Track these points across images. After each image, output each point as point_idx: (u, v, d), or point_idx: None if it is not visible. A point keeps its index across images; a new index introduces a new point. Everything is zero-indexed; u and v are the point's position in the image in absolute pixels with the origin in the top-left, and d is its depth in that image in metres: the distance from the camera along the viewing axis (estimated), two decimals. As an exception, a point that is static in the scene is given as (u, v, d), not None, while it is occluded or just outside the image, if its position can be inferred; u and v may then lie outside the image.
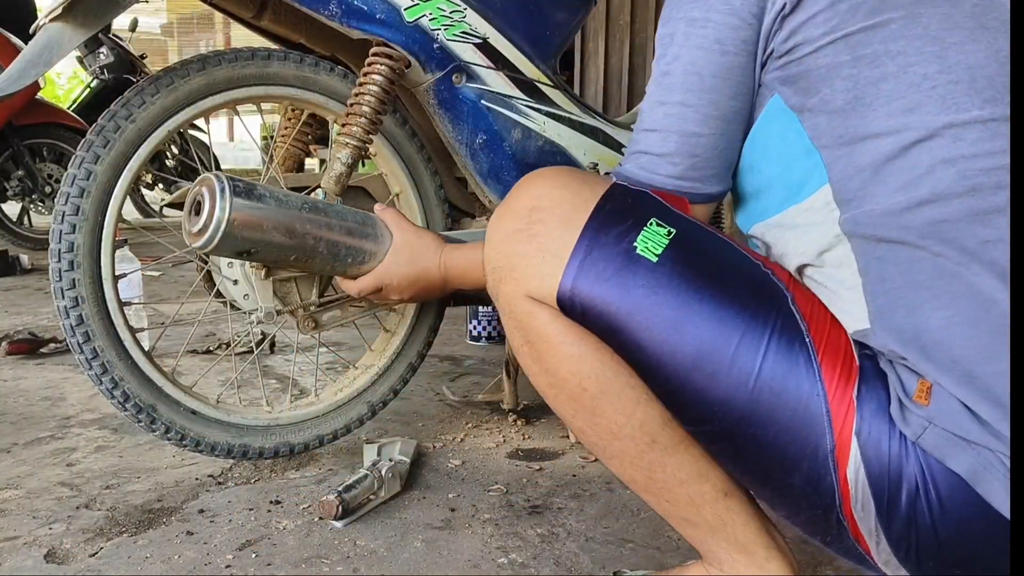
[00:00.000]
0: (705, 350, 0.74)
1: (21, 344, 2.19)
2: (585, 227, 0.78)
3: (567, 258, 0.78)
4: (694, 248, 0.77)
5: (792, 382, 0.73)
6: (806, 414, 0.73)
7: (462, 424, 1.65)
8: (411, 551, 1.13)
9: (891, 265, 0.74)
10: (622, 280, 0.76)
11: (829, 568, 1.10)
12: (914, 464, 0.70)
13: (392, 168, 1.56)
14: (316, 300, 1.46)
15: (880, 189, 0.74)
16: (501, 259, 0.83)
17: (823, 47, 0.77)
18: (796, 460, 0.74)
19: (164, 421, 1.43)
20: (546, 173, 0.84)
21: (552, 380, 0.84)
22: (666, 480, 0.84)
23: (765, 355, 0.73)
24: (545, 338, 0.82)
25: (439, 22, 1.42)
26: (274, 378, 2.01)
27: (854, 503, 0.73)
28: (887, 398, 0.73)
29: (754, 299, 0.75)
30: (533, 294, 0.81)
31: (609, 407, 0.82)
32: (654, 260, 0.76)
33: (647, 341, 0.76)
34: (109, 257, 1.37)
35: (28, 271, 3.65)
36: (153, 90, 1.35)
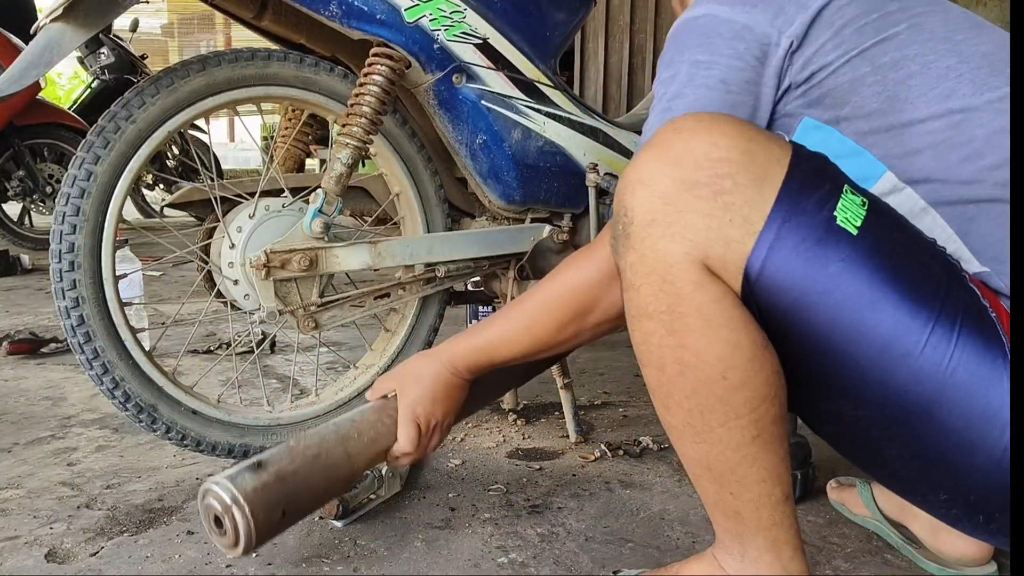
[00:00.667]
0: (900, 332, 0.69)
1: (22, 344, 2.20)
2: (781, 190, 0.70)
3: (762, 224, 0.69)
4: (888, 222, 0.73)
5: (987, 362, 0.70)
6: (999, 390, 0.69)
7: (462, 424, 1.65)
8: (411, 551, 1.13)
9: (986, 222, 0.77)
10: (821, 253, 0.69)
11: (828, 568, 1.10)
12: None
13: (392, 168, 1.56)
14: (316, 300, 1.47)
15: (945, 164, 0.78)
16: (671, 212, 0.71)
17: (841, 66, 0.80)
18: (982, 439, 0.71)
19: (165, 421, 1.43)
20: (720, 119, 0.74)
21: (689, 360, 0.75)
22: (746, 474, 0.80)
23: (959, 333, 0.70)
24: (704, 315, 0.73)
25: (439, 23, 1.42)
26: (275, 378, 2.01)
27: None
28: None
29: (944, 277, 0.72)
30: (712, 260, 0.71)
31: (740, 400, 0.75)
32: (854, 233, 0.70)
33: (839, 320, 0.70)
34: (110, 257, 1.37)
35: (29, 271, 3.65)
36: (153, 91, 1.35)
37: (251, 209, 1.44)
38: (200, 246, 1.51)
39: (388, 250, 1.50)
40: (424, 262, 1.56)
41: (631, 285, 0.77)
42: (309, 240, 1.42)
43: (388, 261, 1.51)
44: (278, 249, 1.40)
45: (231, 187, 1.51)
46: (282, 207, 1.46)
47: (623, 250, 0.76)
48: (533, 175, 1.55)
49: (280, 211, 1.46)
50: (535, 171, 1.54)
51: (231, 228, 1.43)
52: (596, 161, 1.58)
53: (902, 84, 0.79)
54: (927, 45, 0.80)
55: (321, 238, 1.42)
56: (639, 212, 0.73)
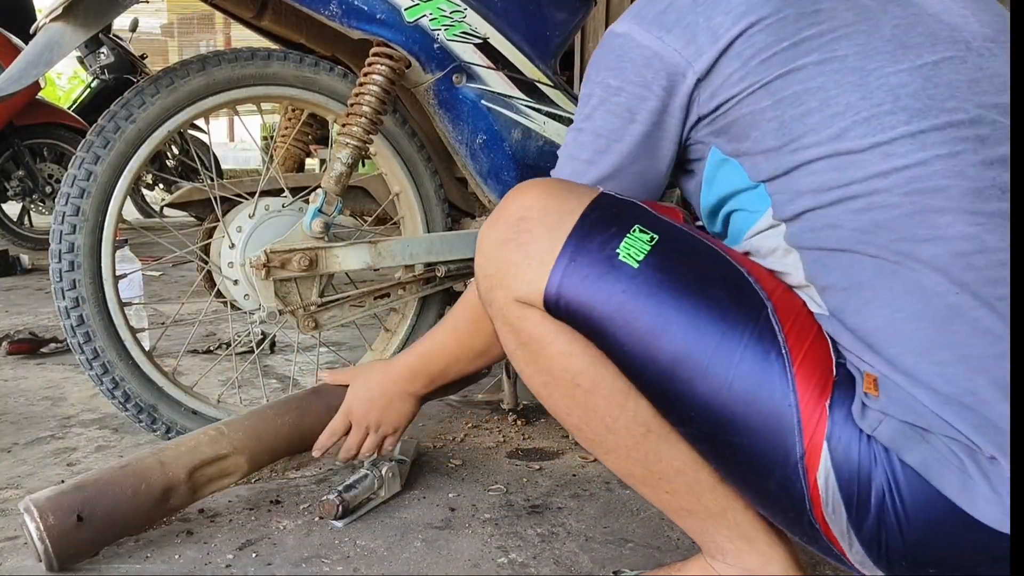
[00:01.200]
0: (682, 356, 0.77)
1: (22, 344, 2.19)
2: (570, 234, 0.81)
3: (552, 263, 0.81)
4: (676, 255, 0.80)
5: (765, 391, 0.75)
6: (778, 422, 0.75)
7: (462, 424, 1.65)
8: (411, 551, 1.13)
9: (834, 271, 0.77)
10: (604, 285, 0.78)
11: (828, 568, 1.10)
12: (881, 467, 0.73)
13: (392, 168, 1.56)
14: (316, 300, 1.46)
15: (818, 202, 0.77)
16: (492, 267, 0.86)
17: (744, 98, 0.80)
18: (769, 466, 0.77)
19: (165, 421, 1.43)
20: (535, 183, 0.87)
21: (546, 379, 0.87)
22: (663, 470, 0.86)
23: (740, 363, 0.76)
24: (537, 339, 0.85)
25: (439, 22, 1.42)
26: (275, 378, 2.01)
27: (825, 506, 0.75)
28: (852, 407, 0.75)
29: (732, 308, 0.78)
30: (522, 298, 0.84)
31: (602, 400, 0.84)
32: (635, 266, 0.78)
33: (628, 345, 0.79)
34: (109, 257, 1.37)
35: (28, 271, 3.65)
36: (153, 90, 1.35)
37: (251, 209, 1.44)
38: (200, 246, 1.51)
39: (388, 250, 1.50)
40: (424, 262, 1.57)
41: (498, 334, 0.91)
42: (309, 240, 1.42)
43: (388, 261, 1.51)
44: (278, 249, 1.40)
45: (231, 187, 1.51)
46: (282, 207, 1.46)
47: (484, 306, 0.91)
48: (533, 175, 1.54)
49: (280, 211, 1.46)
50: (535, 171, 1.54)
51: (231, 228, 1.43)
52: (596, 161, 1.58)
53: (798, 121, 0.78)
54: (833, 77, 0.77)
55: (321, 238, 1.42)
56: (479, 274, 0.89)
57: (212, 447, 1.15)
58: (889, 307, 0.74)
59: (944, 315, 0.71)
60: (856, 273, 0.76)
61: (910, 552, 0.73)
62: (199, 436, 1.17)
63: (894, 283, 0.74)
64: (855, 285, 0.76)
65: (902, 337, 0.73)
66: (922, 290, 0.72)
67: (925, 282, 0.72)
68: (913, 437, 0.72)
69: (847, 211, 0.76)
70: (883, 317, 0.74)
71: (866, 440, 0.73)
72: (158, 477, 1.10)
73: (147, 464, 1.11)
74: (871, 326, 0.75)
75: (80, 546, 1.04)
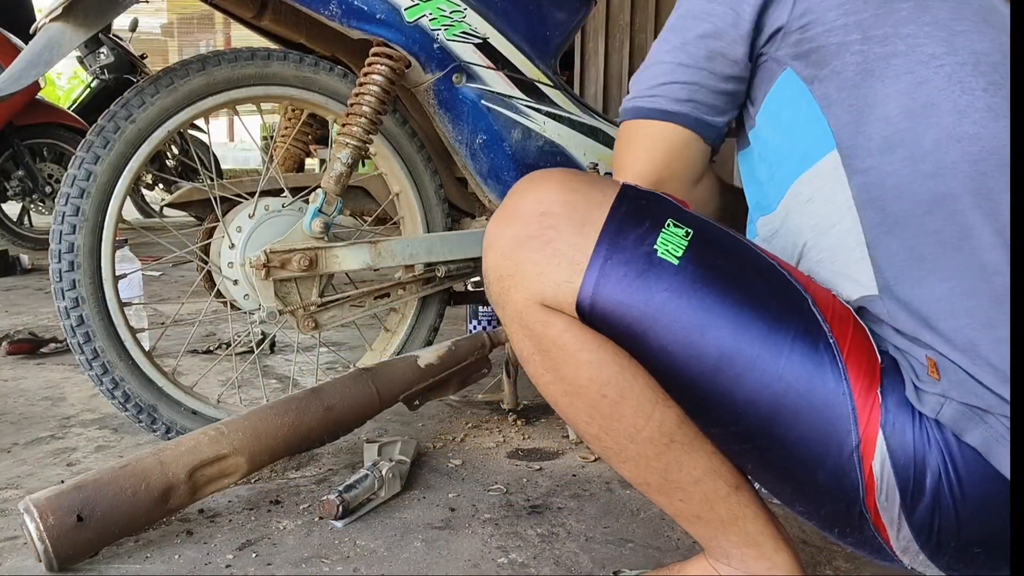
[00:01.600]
0: (728, 352, 0.74)
1: (21, 344, 2.19)
2: (602, 231, 0.76)
3: (586, 264, 0.75)
4: (714, 249, 0.77)
5: (818, 382, 0.74)
6: (831, 413, 0.74)
7: (462, 424, 1.65)
8: (411, 551, 1.13)
9: (896, 240, 0.76)
10: (645, 284, 0.74)
11: (828, 568, 1.10)
12: (936, 449, 0.72)
13: (392, 168, 1.56)
14: (316, 300, 1.46)
15: (887, 159, 0.77)
16: (510, 266, 0.80)
17: (835, 28, 0.80)
18: (821, 457, 0.75)
19: (165, 421, 1.43)
20: (550, 175, 0.82)
21: (568, 388, 0.82)
22: (681, 479, 0.84)
23: (790, 356, 0.74)
24: (562, 347, 0.79)
25: (439, 22, 1.42)
26: (274, 378, 2.01)
27: (879, 495, 0.74)
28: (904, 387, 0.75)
29: (775, 300, 0.76)
30: (548, 302, 0.78)
31: (629, 411, 0.80)
32: (675, 263, 0.75)
33: (671, 345, 0.75)
34: (109, 257, 1.37)
35: (28, 271, 3.64)
36: (153, 90, 1.35)
37: (251, 209, 1.44)
38: (200, 246, 1.51)
39: (388, 250, 1.50)
40: (424, 262, 1.56)
41: (510, 338, 0.85)
42: (309, 240, 1.42)
43: (388, 261, 1.50)
44: (278, 249, 1.40)
45: (231, 187, 1.51)
46: (282, 207, 1.46)
47: (495, 308, 0.85)
48: (533, 175, 1.55)
49: (280, 211, 1.46)
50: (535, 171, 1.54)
51: (231, 228, 1.43)
52: (596, 161, 1.58)
53: (883, 60, 0.78)
54: (924, 28, 0.78)
55: (321, 238, 1.42)
56: (491, 273, 0.82)
57: (212, 447, 1.16)
58: (949, 281, 0.74)
59: (1002, 292, 0.72)
60: (918, 246, 0.75)
61: (962, 532, 0.73)
62: (199, 436, 1.17)
63: (955, 258, 0.74)
64: (915, 258, 0.75)
65: (961, 311, 0.73)
66: (982, 267, 0.73)
67: (985, 259, 0.73)
68: (973, 418, 0.72)
69: (916, 175, 0.75)
70: (941, 291, 0.74)
71: (919, 423, 0.73)
72: (158, 477, 1.10)
73: (147, 464, 1.11)
74: (929, 299, 0.74)
75: (80, 546, 1.04)
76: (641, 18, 3.91)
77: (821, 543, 1.16)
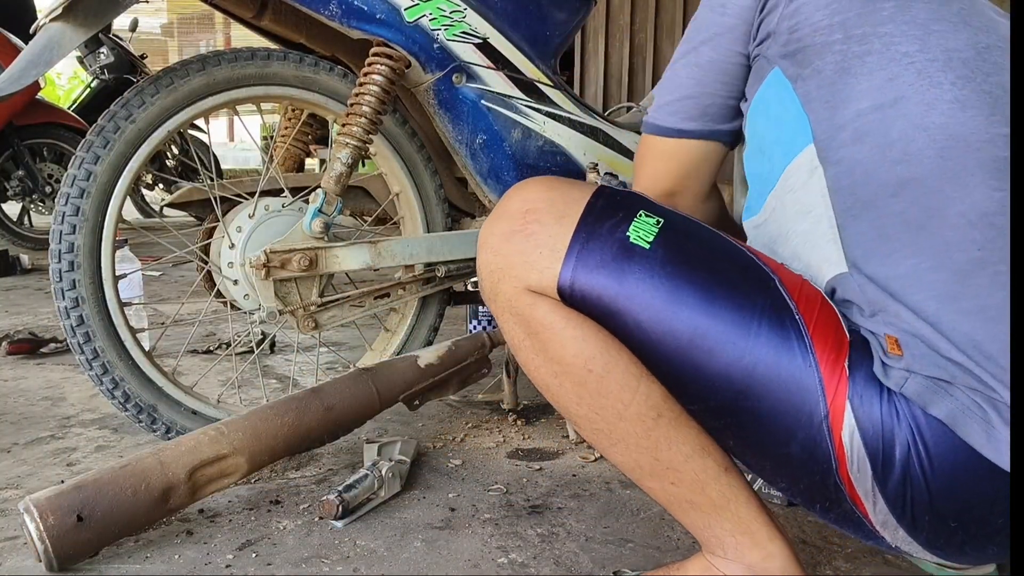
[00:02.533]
0: (700, 329, 0.79)
1: (21, 344, 2.19)
2: (579, 221, 0.83)
3: (564, 250, 0.82)
4: (683, 235, 0.83)
5: (785, 355, 0.78)
6: (800, 385, 0.77)
7: (462, 424, 1.65)
8: (411, 551, 1.13)
9: (864, 221, 0.81)
10: (618, 267, 0.80)
11: (828, 568, 1.10)
12: (904, 422, 0.75)
13: (392, 168, 1.56)
14: (316, 300, 1.46)
15: (858, 148, 0.82)
16: (499, 260, 0.86)
17: (820, 28, 0.86)
18: (792, 429, 0.79)
19: (165, 421, 1.43)
20: (535, 180, 0.90)
21: (557, 368, 0.86)
22: (672, 458, 0.86)
23: (758, 332, 0.78)
24: (548, 326, 0.85)
25: (439, 22, 1.42)
26: (274, 378, 2.01)
27: (850, 465, 0.78)
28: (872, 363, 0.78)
29: (743, 280, 0.81)
30: (533, 287, 0.84)
31: (615, 385, 0.84)
32: (647, 247, 0.81)
33: (645, 322, 0.81)
34: (109, 257, 1.37)
35: (28, 271, 3.64)
36: (153, 90, 1.35)
37: (251, 209, 1.44)
38: (200, 246, 1.51)
39: (388, 250, 1.50)
40: (424, 262, 1.56)
41: (502, 329, 0.91)
42: (309, 240, 1.42)
43: (388, 261, 1.50)
44: (278, 249, 1.40)
45: (231, 187, 1.51)
46: (282, 207, 1.46)
47: (488, 303, 0.91)
48: (533, 175, 1.54)
49: (280, 211, 1.46)
50: (535, 171, 1.54)
51: (231, 228, 1.43)
52: (596, 160, 1.58)
53: (858, 58, 0.84)
54: (901, 27, 0.83)
55: (321, 238, 1.42)
56: (483, 269, 0.89)
57: (212, 447, 1.16)
58: (914, 258, 0.77)
59: (966, 268, 0.75)
60: (884, 227, 0.79)
61: (934, 505, 0.75)
62: (199, 436, 1.17)
63: (919, 237, 0.77)
64: (882, 238, 0.79)
65: (926, 284, 0.76)
66: (946, 244, 0.76)
67: (949, 237, 0.76)
68: (938, 391, 0.75)
69: (884, 161, 0.80)
70: (907, 267, 0.77)
71: (887, 397, 0.76)
72: (158, 477, 1.10)
73: (147, 464, 1.11)
74: (895, 274, 0.78)
75: (80, 546, 1.04)
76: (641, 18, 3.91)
77: (821, 543, 1.16)
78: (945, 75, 0.80)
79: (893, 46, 0.83)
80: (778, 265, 0.85)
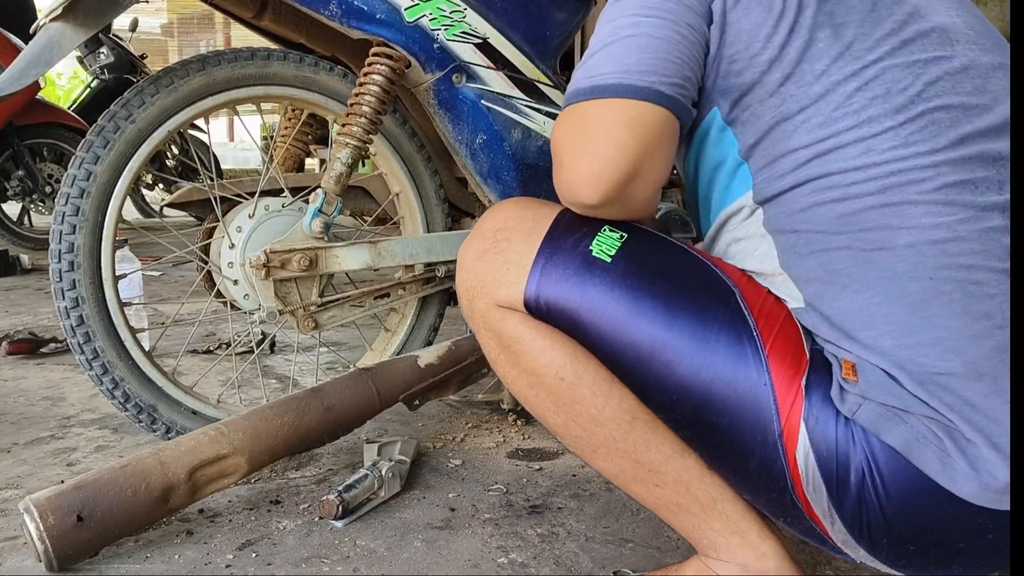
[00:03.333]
0: (660, 341, 0.80)
1: (21, 344, 2.19)
2: (545, 237, 0.85)
3: (530, 265, 0.85)
4: (646, 248, 0.84)
5: (741, 372, 0.78)
6: (755, 402, 0.78)
7: (462, 424, 1.65)
8: (411, 551, 1.13)
9: (810, 259, 0.80)
10: (581, 280, 0.82)
11: (828, 568, 1.10)
12: (860, 447, 0.75)
13: (392, 168, 1.56)
14: (316, 300, 1.46)
15: (798, 191, 0.80)
16: (472, 278, 0.90)
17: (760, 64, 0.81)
18: (750, 445, 0.79)
19: (165, 421, 1.43)
20: (510, 200, 0.93)
21: (531, 379, 0.89)
22: (652, 459, 0.87)
23: (716, 346, 0.79)
24: (518, 339, 0.87)
25: (439, 22, 1.42)
26: (274, 378, 2.01)
27: (806, 485, 0.78)
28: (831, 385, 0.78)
29: (703, 295, 0.81)
30: (502, 302, 0.87)
31: (587, 391, 0.86)
32: (608, 260, 0.82)
33: (608, 334, 0.82)
34: (109, 257, 1.37)
35: (28, 271, 3.64)
36: (153, 90, 1.35)
37: (251, 209, 1.44)
38: (200, 246, 1.51)
39: (388, 250, 1.50)
40: (424, 262, 1.56)
41: (481, 344, 0.93)
42: (309, 240, 1.42)
43: (388, 261, 1.51)
44: (278, 249, 1.40)
45: (231, 187, 1.51)
46: (282, 207, 1.46)
47: (467, 320, 0.93)
48: (533, 175, 1.55)
49: (280, 211, 1.46)
50: (535, 171, 1.54)
51: (231, 228, 1.43)
52: (596, 161, 1.58)
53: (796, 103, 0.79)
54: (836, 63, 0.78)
55: (321, 238, 1.42)
56: (460, 288, 0.92)
57: (212, 447, 1.16)
58: (865, 293, 0.76)
59: (919, 299, 0.74)
60: (831, 261, 0.78)
61: (891, 529, 0.75)
62: (199, 436, 1.17)
63: (869, 271, 0.76)
64: (831, 273, 0.78)
65: (879, 320, 0.76)
66: (896, 276, 0.75)
67: (899, 268, 0.75)
68: (892, 419, 0.74)
69: (824, 199, 0.78)
70: (859, 303, 0.77)
71: (843, 421, 0.76)
72: (158, 477, 1.10)
73: (147, 464, 1.11)
74: (848, 311, 0.77)
75: (80, 546, 1.04)
76: (641, 18, 3.90)
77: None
78: (885, 110, 0.77)
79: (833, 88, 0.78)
80: (742, 277, 0.85)
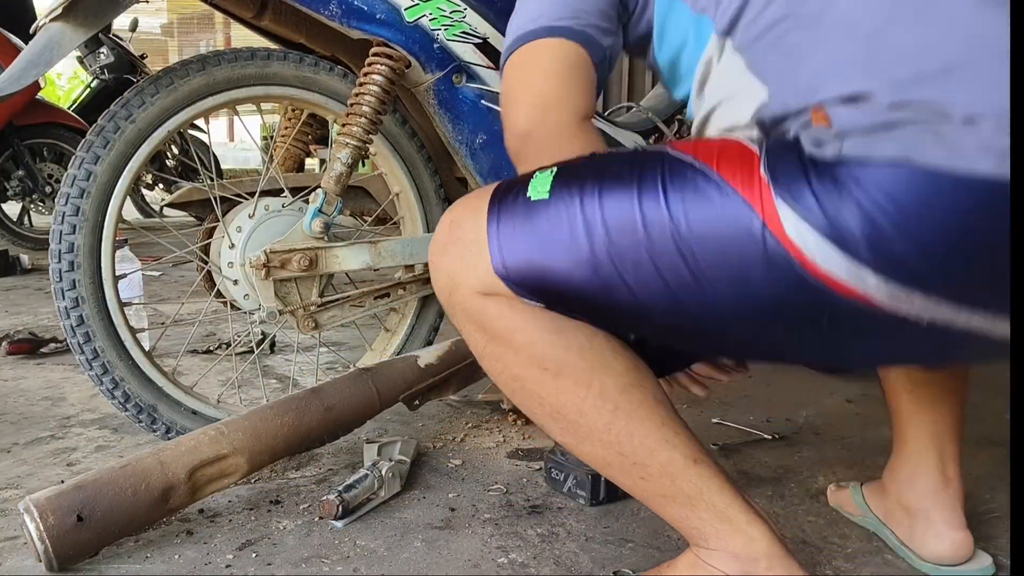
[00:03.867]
0: (620, 223, 0.79)
1: (21, 344, 2.19)
2: (489, 206, 0.86)
3: (485, 237, 0.85)
4: (576, 169, 0.85)
5: (702, 200, 0.77)
6: (728, 212, 0.76)
7: (462, 424, 1.65)
8: (411, 551, 1.13)
9: (771, 51, 0.81)
10: (530, 225, 0.83)
11: (828, 568, 1.10)
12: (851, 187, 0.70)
13: (392, 168, 1.56)
14: (316, 300, 1.46)
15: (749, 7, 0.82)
16: (444, 276, 0.90)
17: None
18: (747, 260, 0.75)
19: (165, 421, 1.43)
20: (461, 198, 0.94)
21: (516, 372, 0.89)
22: (635, 451, 0.87)
23: (666, 197, 0.78)
24: (501, 329, 0.87)
25: (439, 22, 1.42)
26: (274, 378, 2.01)
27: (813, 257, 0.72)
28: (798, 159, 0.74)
29: (636, 166, 0.82)
30: (477, 287, 0.87)
31: (570, 382, 0.86)
32: (547, 197, 0.83)
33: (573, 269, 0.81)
34: (109, 257, 1.37)
35: (28, 271, 3.64)
36: (153, 90, 1.35)
37: (251, 209, 1.44)
38: (200, 246, 1.51)
39: (388, 250, 1.50)
40: (424, 262, 1.56)
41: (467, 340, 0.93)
42: (309, 240, 1.42)
43: (388, 261, 1.51)
44: (278, 249, 1.40)
45: (231, 187, 1.51)
46: (282, 207, 1.46)
47: (451, 320, 0.93)
48: (533, 175, 1.55)
49: (280, 211, 1.46)
50: None
51: (231, 228, 1.43)
52: (596, 161, 1.58)
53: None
54: None
55: (321, 238, 1.42)
56: (436, 288, 0.92)
57: (212, 447, 1.16)
58: (823, 48, 0.77)
59: (872, 33, 0.74)
60: (784, 39, 0.79)
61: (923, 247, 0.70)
62: (199, 436, 1.17)
63: (818, 31, 0.77)
64: (787, 51, 0.79)
65: (843, 60, 0.75)
66: (849, 24, 0.76)
67: (851, 18, 0.76)
68: (879, 133, 0.70)
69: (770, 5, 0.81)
70: (820, 59, 0.76)
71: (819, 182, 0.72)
72: (158, 477, 1.10)
73: (147, 464, 1.11)
74: (812, 74, 0.76)
75: (80, 546, 1.04)
76: (641, 18, 3.90)
77: (821, 543, 1.16)
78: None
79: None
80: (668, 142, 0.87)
